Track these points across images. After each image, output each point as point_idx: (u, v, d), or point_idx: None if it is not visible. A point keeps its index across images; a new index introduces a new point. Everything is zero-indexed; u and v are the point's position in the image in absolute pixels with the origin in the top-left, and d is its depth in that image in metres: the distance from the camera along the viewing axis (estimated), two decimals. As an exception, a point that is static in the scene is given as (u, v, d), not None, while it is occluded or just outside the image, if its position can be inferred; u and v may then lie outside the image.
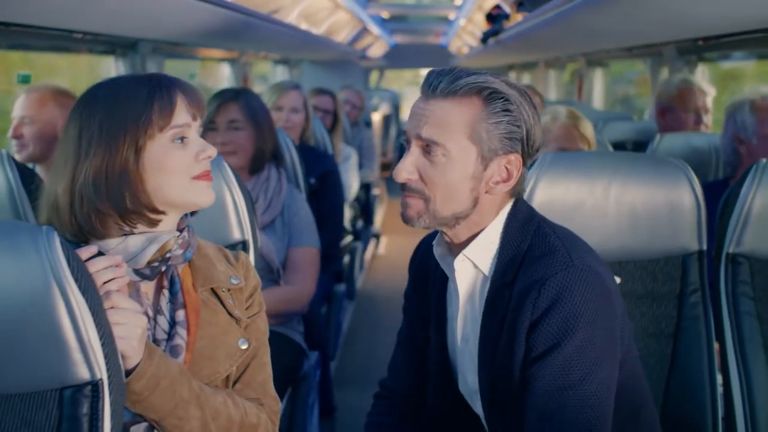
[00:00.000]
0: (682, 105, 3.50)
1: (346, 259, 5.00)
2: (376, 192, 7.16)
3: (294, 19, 6.03)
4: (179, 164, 1.41)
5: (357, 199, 5.58)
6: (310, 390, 2.84)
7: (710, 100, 3.56)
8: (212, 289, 1.52)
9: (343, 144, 4.89)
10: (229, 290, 1.54)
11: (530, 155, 1.58)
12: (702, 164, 3.14)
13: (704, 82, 3.70)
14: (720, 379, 2.02)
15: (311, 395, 2.88)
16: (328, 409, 3.49)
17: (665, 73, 4.40)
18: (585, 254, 1.55)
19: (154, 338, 1.45)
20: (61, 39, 3.25)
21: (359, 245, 5.68)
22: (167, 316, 1.46)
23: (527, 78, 9.96)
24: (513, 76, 10.75)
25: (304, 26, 6.69)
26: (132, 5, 2.75)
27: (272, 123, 2.79)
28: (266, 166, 2.73)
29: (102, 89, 1.43)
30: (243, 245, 1.96)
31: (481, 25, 7.55)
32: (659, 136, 3.20)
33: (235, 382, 1.53)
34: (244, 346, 1.52)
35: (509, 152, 1.54)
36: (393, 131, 10.81)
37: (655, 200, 1.97)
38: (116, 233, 1.41)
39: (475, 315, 1.62)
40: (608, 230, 1.96)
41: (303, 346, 2.74)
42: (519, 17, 5.52)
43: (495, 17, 6.30)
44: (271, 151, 2.74)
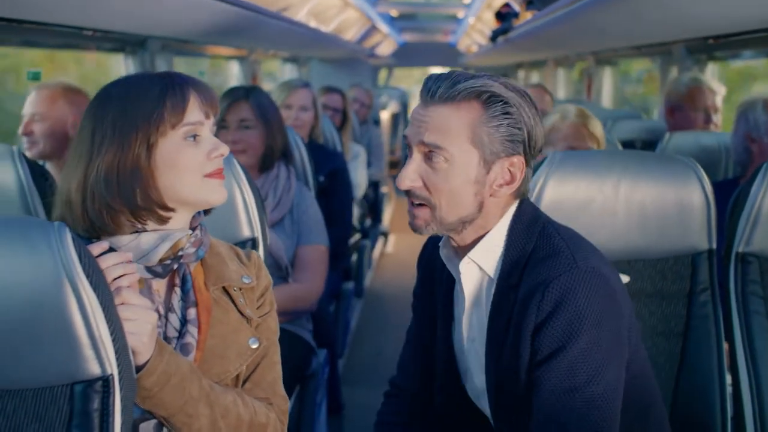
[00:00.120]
0: (692, 104, 3.49)
1: (355, 257, 4.99)
2: (385, 190, 7.15)
3: (303, 17, 6.03)
4: (191, 162, 1.41)
5: (365, 197, 5.57)
6: (319, 388, 2.84)
7: (720, 99, 3.55)
8: (224, 288, 1.52)
9: (352, 142, 4.89)
10: (241, 289, 1.54)
11: (533, 156, 1.58)
12: (712, 163, 3.12)
13: (714, 81, 3.69)
14: (729, 379, 2.01)
15: (320, 393, 2.88)
16: (336, 407, 3.48)
17: (674, 72, 4.38)
18: (589, 255, 1.55)
19: (165, 336, 1.45)
20: (71, 36, 3.26)
21: (367, 243, 5.67)
22: (178, 314, 1.47)
23: (536, 76, 9.93)
24: (522, 75, 10.74)
25: (313, 24, 6.69)
26: (141, 2, 2.76)
27: (282, 121, 2.79)
28: (276, 164, 2.73)
29: (116, 87, 1.43)
30: (253, 243, 1.97)
31: (491, 24, 7.54)
32: (669, 135, 3.19)
33: (245, 381, 1.53)
34: (255, 346, 1.52)
35: (511, 155, 1.54)
36: (401, 129, 10.79)
37: (665, 199, 1.97)
38: (128, 230, 1.41)
39: (482, 316, 1.62)
40: (617, 229, 1.96)
41: (312, 344, 2.75)
42: (528, 15, 5.52)
43: (504, 15, 6.30)
44: (281, 150, 2.74)
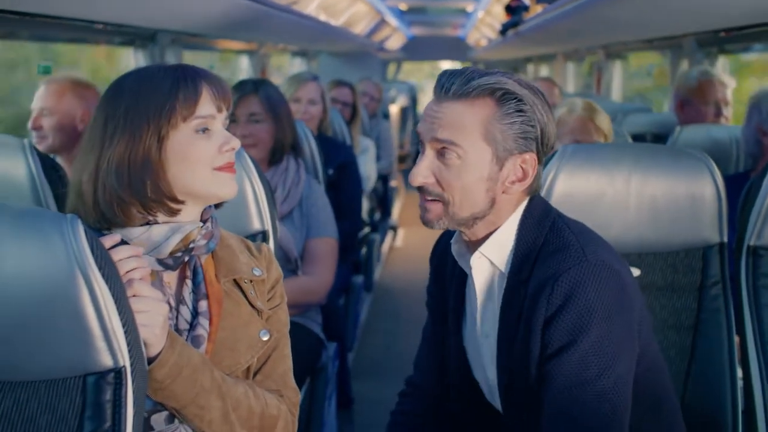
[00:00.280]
0: (702, 97, 3.46)
1: (364, 251, 5.00)
2: (394, 184, 7.15)
3: (313, 11, 6.03)
4: (202, 155, 1.41)
5: (374, 191, 5.58)
6: (329, 381, 2.85)
7: (730, 92, 3.53)
8: (235, 281, 1.52)
9: (361, 136, 4.89)
10: (252, 281, 1.54)
11: (545, 154, 1.57)
12: (723, 156, 3.11)
13: (725, 74, 3.67)
14: (740, 372, 2.00)
15: (329, 386, 2.89)
16: (346, 401, 3.49)
17: (685, 66, 4.36)
18: (599, 249, 1.55)
19: (177, 328, 1.45)
20: (82, 30, 3.27)
21: (377, 237, 5.67)
22: (190, 307, 1.47)
23: (545, 70, 9.91)
24: (531, 69, 10.71)
25: (323, 17, 6.69)
26: (152, -4, 2.76)
27: (291, 114, 2.79)
28: (285, 157, 2.73)
29: (129, 78, 1.43)
30: (263, 235, 1.97)
31: (500, 17, 7.53)
32: (679, 128, 3.17)
33: (256, 374, 1.53)
34: (266, 338, 1.52)
35: (524, 152, 1.54)
36: (410, 124, 10.79)
37: (676, 192, 1.96)
38: (138, 222, 1.41)
39: (494, 311, 1.62)
40: (628, 222, 1.95)
41: (321, 337, 2.75)
42: (539, 9, 5.51)
43: (514, 9, 6.29)
44: (290, 143, 2.74)
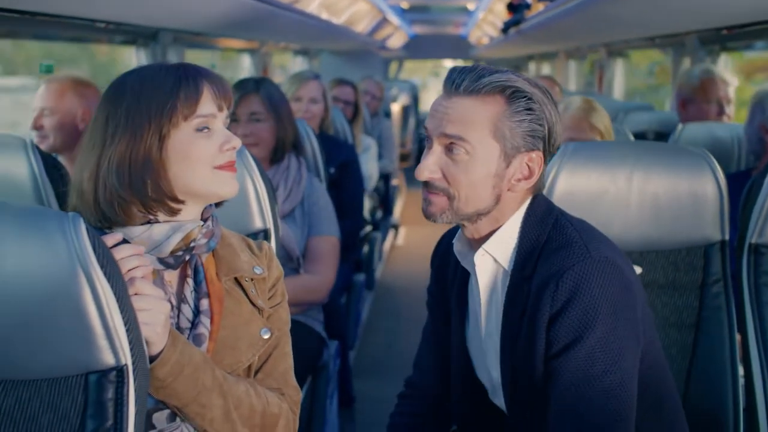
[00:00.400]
0: (704, 96, 3.46)
1: (365, 249, 5.00)
2: (395, 182, 7.15)
3: (314, 9, 6.03)
4: (203, 154, 1.41)
5: (376, 190, 5.58)
6: (330, 380, 2.85)
7: (732, 90, 3.52)
8: (236, 279, 1.52)
9: (363, 134, 4.89)
10: (253, 280, 1.54)
11: (551, 153, 1.58)
12: (725, 155, 3.10)
13: (726, 72, 3.66)
14: (741, 370, 2.00)
15: (331, 385, 2.89)
16: (347, 399, 3.49)
17: (687, 63, 4.36)
18: (602, 246, 1.55)
19: (178, 327, 1.46)
20: (84, 29, 3.27)
21: (378, 235, 5.68)
22: (191, 305, 1.47)
23: (547, 68, 9.90)
24: (533, 67, 10.70)
25: (325, 16, 6.69)
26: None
27: (292, 112, 2.79)
28: (286, 156, 2.73)
29: (130, 77, 1.43)
30: (264, 234, 1.97)
31: (502, 15, 7.52)
32: (681, 126, 3.17)
33: (257, 372, 1.53)
34: (267, 336, 1.52)
35: (531, 150, 1.54)
36: (412, 122, 10.78)
37: (678, 190, 1.96)
38: (139, 221, 1.41)
39: (497, 310, 1.62)
40: (630, 220, 1.95)
41: (323, 336, 2.75)
42: (540, 7, 5.50)
43: (516, 7, 6.29)
44: (292, 141, 2.74)
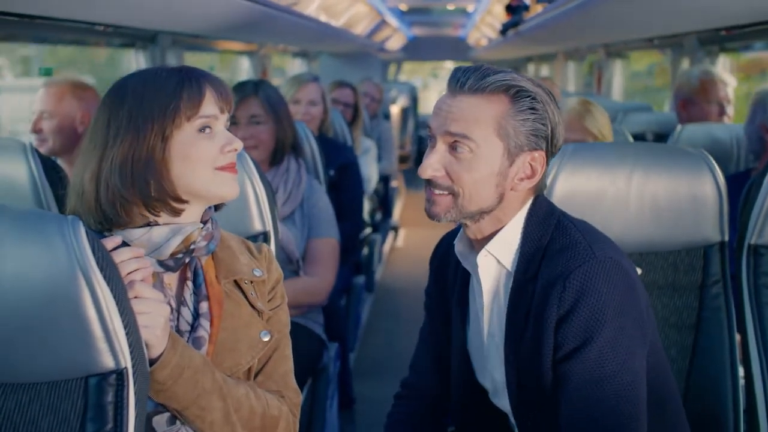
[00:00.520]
0: (705, 96, 3.46)
1: (365, 252, 5.00)
2: (395, 184, 7.15)
3: (313, 11, 6.03)
4: (204, 154, 1.42)
5: (376, 192, 5.58)
6: (330, 382, 2.85)
7: (731, 90, 3.53)
8: (235, 282, 1.52)
9: (362, 136, 4.89)
10: (252, 282, 1.54)
11: (553, 153, 1.59)
12: (724, 155, 3.10)
13: (725, 73, 3.66)
14: (741, 371, 2.00)
15: (331, 387, 2.88)
16: (347, 401, 3.48)
17: (686, 64, 4.36)
18: (606, 247, 1.55)
19: (178, 329, 1.46)
20: (83, 32, 3.28)
21: (378, 237, 5.68)
22: (191, 308, 1.47)
23: (546, 70, 9.90)
24: (532, 68, 10.71)
25: (323, 18, 6.69)
26: (153, -3, 2.76)
27: (290, 115, 2.79)
28: (286, 158, 2.73)
29: (132, 79, 1.44)
30: (264, 236, 1.97)
31: (500, 17, 7.52)
32: (680, 127, 3.17)
33: (257, 374, 1.54)
34: (266, 339, 1.52)
35: (534, 149, 1.55)
36: (411, 124, 10.78)
37: (677, 191, 1.96)
38: (140, 222, 1.41)
39: (500, 311, 1.61)
40: (630, 221, 1.95)
41: (323, 338, 2.75)
42: (539, 8, 5.50)
43: (515, 8, 6.29)
44: (291, 143, 2.74)
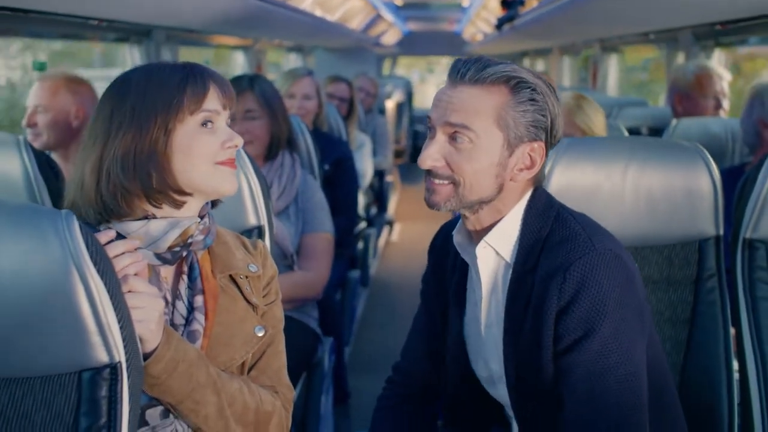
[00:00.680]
0: (701, 91, 3.46)
1: (360, 246, 5.00)
2: (390, 179, 7.15)
3: (308, 6, 6.01)
4: (205, 148, 1.43)
5: (371, 186, 5.58)
6: (325, 376, 2.85)
7: (726, 85, 3.53)
8: (231, 277, 1.53)
9: (358, 131, 4.89)
10: (247, 277, 1.55)
11: (552, 144, 1.59)
12: (719, 149, 3.11)
13: (720, 67, 3.67)
14: (736, 365, 2.01)
15: (326, 381, 2.88)
16: (342, 396, 3.49)
17: (681, 59, 4.36)
18: (605, 239, 1.56)
19: (172, 323, 1.46)
20: (77, 26, 3.26)
21: (373, 232, 5.68)
22: (185, 302, 1.47)
23: (541, 64, 9.90)
24: (527, 63, 10.70)
25: (318, 13, 6.67)
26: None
27: (285, 109, 2.79)
28: (280, 153, 2.73)
29: (136, 73, 1.45)
30: (259, 231, 1.97)
31: (496, 12, 7.51)
32: (675, 122, 3.17)
33: (251, 369, 1.54)
34: (261, 334, 1.52)
35: (534, 140, 1.55)
36: (406, 119, 10.78)
37: (672, 185, 1.96)
38: (139, 214, 1.42)
39: (498, 302, 1.62)
40: (625, 215, 1.95)
41: (318, 332, 2.75)
42: (534, 3, 5.50)
43: (510, 3, 6.27)
44: (286, 138, 2.74)
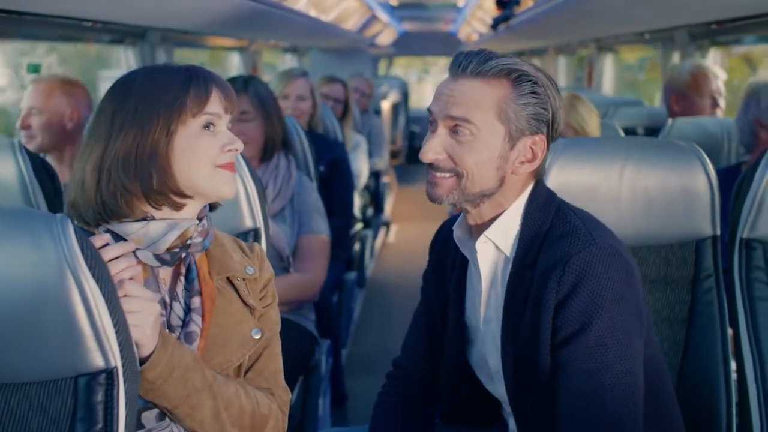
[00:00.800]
0: (697, 90, 3.46)
1: (357, 247, 4.99)
2: (386, 180, 7.15)
3: (303, 7, 6.01)
4: (206, 151, 1.43)
5: (367, 187, 5.57)
6: (322, 378, 2.84)
7: (722, 84, 3.53)
8: (228, 279, 1.53)
9: (353, 132, 4.88)
10: (245, 280, 1.55)
11: (553, 138, 1.59)
12: (714, 149, 3.11)
13: (716, 66, 3.67)
14: (733, 365, 2.01)
15: (323, 383, 2.88)
16: (340, 398, 3.49)
17: (676, 58, 4.37)
18: (606, 234, 1.57)
19: (169, 324, 1.46)
20: (71, 28, 3.26)
21: (369, 233, 5.67)
22: (182, 303, 1.47)
23: (537, 64, 9.90)
24: (522, 63, 10.68)
25: (313, 13, 6.67)
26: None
27: (280, 110, 2.78)
28: (275, 155, 2.72)
29: (139, 74, 1.45)
30: (255, 233, 1.96)
31: (491, 11, 7.52)
32: (671, 121, 3.18)
33: (247, 371, 1.54)
34: (257, 336, 1.52)
35: (535, 133, 1.56)
36: (402, 119, 10.77)
37: (669, 185, 1.96)
38: (139, 215, 1.42)
39: (498, 297, 1.62)
40: (622, 215, 1.95)
41: (315, 334, 2.74)
42: (530, 2, 5.50)
43: (506, 3, 6.27)
44: (281, 139, 2.74)
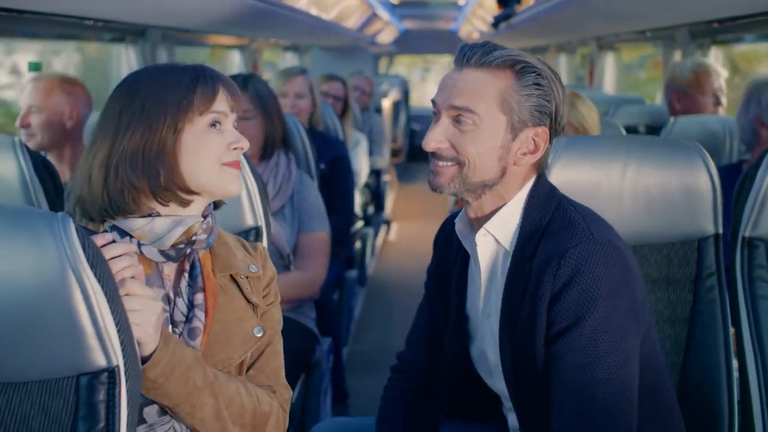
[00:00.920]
0: (699, 88, 3.46)
1: (358, 245, 4.99)
2: (387, 178, 7.14)
3: (304, 5, 6.01)
4: (212, 149, 1.44)
5: (367, 186, 5.57)
6: (323, 376, 2.84)
7: (723, 82, 3.53)
8: (231, 277, 1.54)
9: (354, 130, 4.88)
10: (248, 277, 1.55)
11: (556, 131, 1.60)
12: (716, 147, 3.11)
13: (717, 65, 3.67)
14: (736, 364, 2.00)
15: (324, 382, 2.88)
16: (341, 396, 3.49)
17: (677, 57, 4.36)
18: (605, 229, 1.57)
19: (172, 320, 1.46)
20: (72, 26, 3.26)
21: (370, 231, 5.67)
22: (185, 299, 1.48)
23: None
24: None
25: (314, 12, 6.67)
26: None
27: (280, 108, 2.78)
28: (276, 152, 2.72)
29: (146, 73, 1.47)
30: (256, 231, 1.96)
31: (492, 10, 7.51)
32: (673, 120, 3.17)
33: (249, 369, 1.54)
34: (259, 334, 1.53)
35: (538, 125, 1.57)
36: (403, 117, 10.77)
37: (671, 183, 1.96)
38: (145, 211, 1.43)
39: (497, 291, 1.62)
40: (623, 214, 1.95)
41: (316, 333, 2.74)
42: (531, 0, 5.49)
43: (507, 1, 6.27)
44: (281, 137, 2.73)
